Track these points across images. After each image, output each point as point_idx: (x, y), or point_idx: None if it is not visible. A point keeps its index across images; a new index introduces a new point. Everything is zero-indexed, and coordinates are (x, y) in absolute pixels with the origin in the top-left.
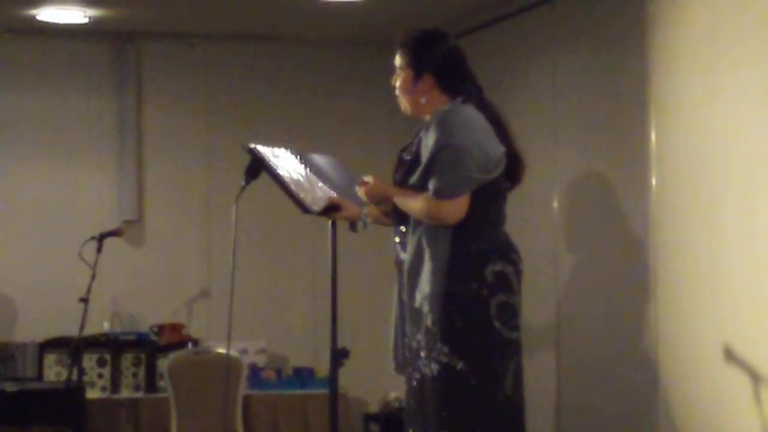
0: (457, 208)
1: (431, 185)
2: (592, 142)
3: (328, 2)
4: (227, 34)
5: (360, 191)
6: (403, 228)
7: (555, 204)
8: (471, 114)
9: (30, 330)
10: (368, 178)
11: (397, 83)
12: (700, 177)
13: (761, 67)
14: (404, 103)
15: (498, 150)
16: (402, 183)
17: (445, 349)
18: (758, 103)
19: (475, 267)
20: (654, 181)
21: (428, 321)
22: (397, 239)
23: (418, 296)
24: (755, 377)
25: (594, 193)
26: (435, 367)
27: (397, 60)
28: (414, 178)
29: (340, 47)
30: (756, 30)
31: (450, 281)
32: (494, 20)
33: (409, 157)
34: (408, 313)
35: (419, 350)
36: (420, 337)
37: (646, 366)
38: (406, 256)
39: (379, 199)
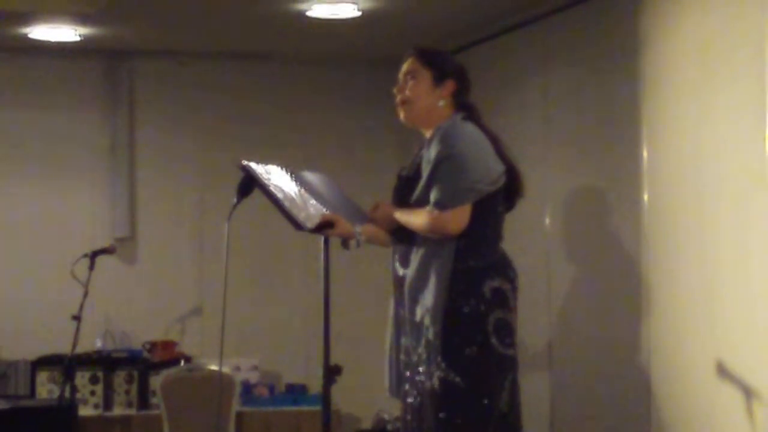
0: (458, 219)
1: (432, 196)
2: (584, 160)
3: (320, 20)
4: (219, 52)
5: (372, 215)
6: (402, 245)
7: (547, 221)
8: (472, 129)
9: (22, 347)
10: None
11: (408, 89)
12: (693, 194)
13: (752, 84)
14: (410, 110)
15: (498, 166)
16: (403, 201)
17: (443, 364)
18: (749, 120)
19: (474, 283)
20: (646, 199)
21: (429, 334)
22: (397, 255)
23: (419, 310)
24: (748, 394)
25: (586, 210)
26: (434, 381)
27: (411, 65)
28: (416, 193)
29: (332, 65)
30: (746, 47)
31: (449, 297)
32: (486, 38)
33: (406, 174)
34: (408, 327)
35: (418, 364)
36: (420, 350)
37: (640, 383)
38: (407, 272)
39: (389, 223)
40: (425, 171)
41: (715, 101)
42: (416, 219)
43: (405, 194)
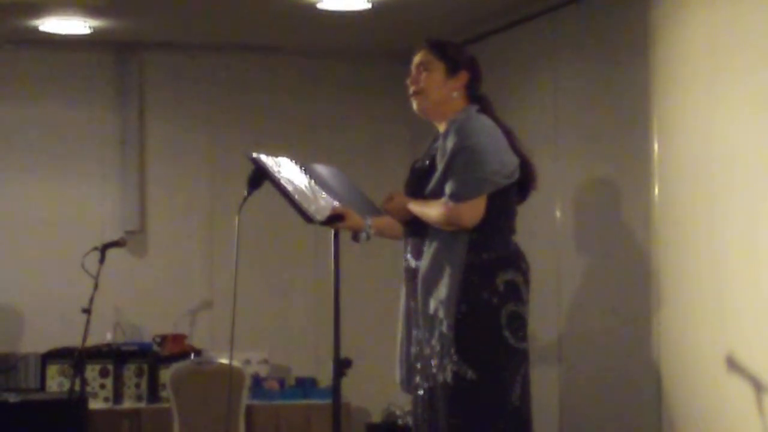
0: (474, 210)
1: (447, 188)
2: (595, 152)
3: (330, 12)
4: (229, 44)
5: (387, 207)
6: (415, 237)
7: (558, 214)
8: (487, 122)
9: (32, 341)
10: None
11: (421, 81)
12: (703, 186)
13: (763, 76)
14: (424, 101)
15: (513, 159)
16: (416, 193)
17: (455, 357)
18: (760, 112)
19: (487, 276)
20: (656, 191)
21: (443, 327)
22: (409, 247)
23: (433, 302)
24: (758, 386)
25: (596, 203)
26: (447, 374)
27: (424, 57)
28: (431, 184)
29: (342, 57)
30: (757, 40)
31: (462, 289)
32: (496, 30)
33: (420, 166)
34: (421, 320)
35: (431, 357)
36: (434, 343)
37: (649, 376)
38: (421, 264)
39: (403, 214)
40: (440, 163)
41: (725, 94)
42: (431, 210)
43: (418, 186)
